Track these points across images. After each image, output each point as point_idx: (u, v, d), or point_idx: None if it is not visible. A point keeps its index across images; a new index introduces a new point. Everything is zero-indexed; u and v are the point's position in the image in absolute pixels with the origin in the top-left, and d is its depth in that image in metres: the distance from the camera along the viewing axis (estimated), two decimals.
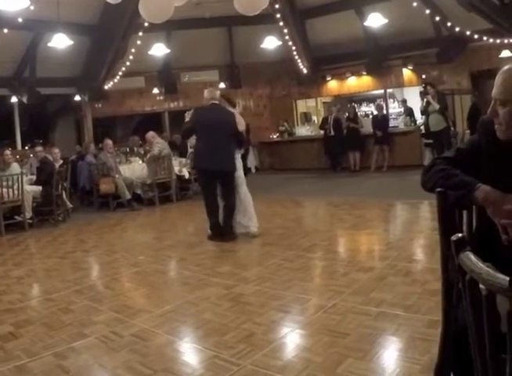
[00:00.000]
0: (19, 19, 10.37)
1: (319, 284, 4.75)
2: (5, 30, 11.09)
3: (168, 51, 12.91)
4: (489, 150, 1.98)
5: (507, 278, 1.10)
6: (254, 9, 7.60)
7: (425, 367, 2.67)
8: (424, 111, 12.02)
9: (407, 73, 14.32)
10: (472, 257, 1.26)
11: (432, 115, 11.72)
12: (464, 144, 2.14)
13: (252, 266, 5.47)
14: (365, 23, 12.18)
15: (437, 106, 11.56)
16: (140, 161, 11.64)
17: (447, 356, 1.91)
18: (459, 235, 1.36)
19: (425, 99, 11.95)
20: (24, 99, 13.49)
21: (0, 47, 11.69)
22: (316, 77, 15.60)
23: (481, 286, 1.21)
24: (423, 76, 13.89)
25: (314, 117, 17.36)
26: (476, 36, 12.22)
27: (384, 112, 14.06)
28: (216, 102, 6.86)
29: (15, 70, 13.11)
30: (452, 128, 12.19)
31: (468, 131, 11.80)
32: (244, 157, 13.48)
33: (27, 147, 15.52)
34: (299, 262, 5.30)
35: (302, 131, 16.53)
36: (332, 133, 14.07)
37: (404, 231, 6.77)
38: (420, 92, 12.90)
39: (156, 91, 16.02)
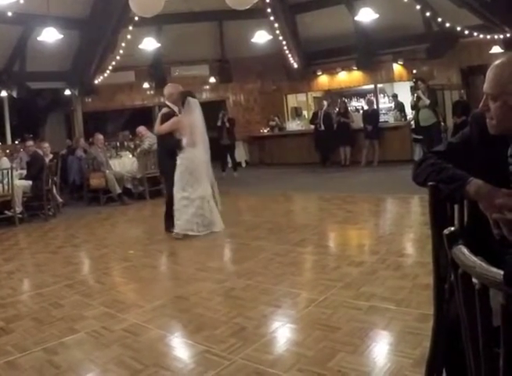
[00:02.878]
0: (9, 13, 10.27)
1: (309, 278, 4.75)
2: None
3: (159, 45, 12.84)
4: (480, 144, 1.98)
5: (501, 272, 1.10)
6: (244, 4, 7.59)
7: (417, 361, 2.68)
8: (414, 106, 12.03)
9: (397, 68, 14.31)
10: (465, 251, 1.27)
11: (422, 110, 11.74)
12: (456, 138, 2.14)
13: (243, 261, 5.46)
14: (356, 18, 12.16)
15: (427, 102, 11.57)
16: (130, 156, 11.60)
17: (439, 350, 1.92)
18: (452, 228, 1.36)
19: (415, 94, 11.97)
20: (14, 94, 13.39)
21: None
22: (307, 71, 15.58)
23: (474, 280, 1.21)
24: (414, 71, 13.90)
25: (304, 112, 17.32)
26: (466, 32, 12.26)
27: (375, 107, 14.05)
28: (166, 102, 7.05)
29: (4, 64, 12.98)
30: (442, 123, 12.22)
31: None
32: (232, 152, 13.59)
33: (16, 142, 15.40)
34: (290, 257, 5.31)
35: (293, 125, 16.53)
36: (322, 128, 14.06)
37: (394, 225, 6.77)
38: (411, 87, 12.92)
39: (146, 85, 15.96)
